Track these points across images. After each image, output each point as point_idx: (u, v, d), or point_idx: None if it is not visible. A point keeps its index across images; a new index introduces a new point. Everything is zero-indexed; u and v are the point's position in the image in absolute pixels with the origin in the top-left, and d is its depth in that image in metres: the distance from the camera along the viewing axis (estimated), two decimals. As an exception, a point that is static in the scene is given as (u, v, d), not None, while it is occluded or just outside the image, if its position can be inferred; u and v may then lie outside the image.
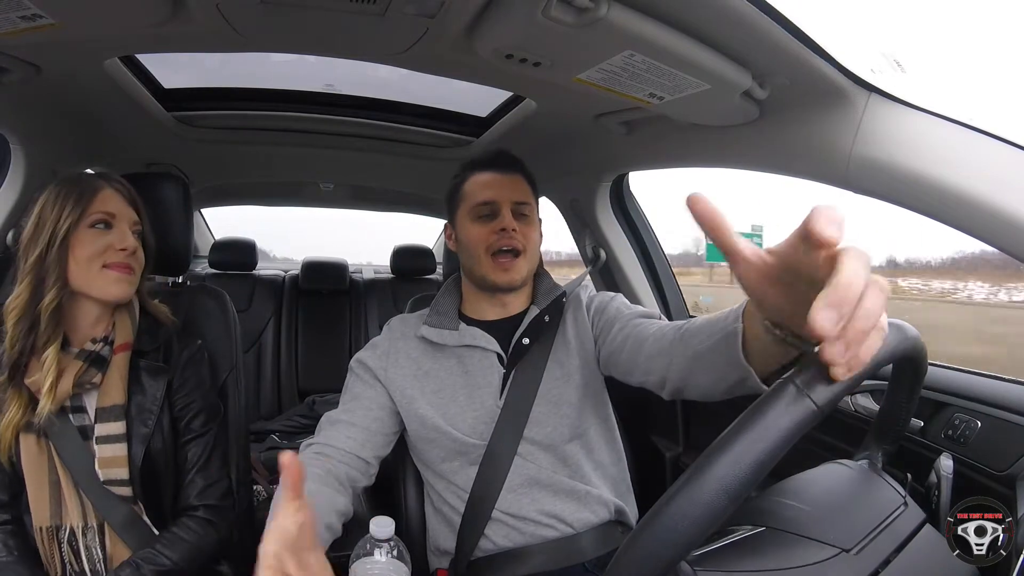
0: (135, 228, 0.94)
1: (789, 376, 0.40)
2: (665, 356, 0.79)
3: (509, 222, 0.97)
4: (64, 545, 0.87)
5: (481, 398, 0.97)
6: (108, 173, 0.96)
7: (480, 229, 0.98)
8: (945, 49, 0.80)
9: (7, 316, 0.85)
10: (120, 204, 0.92)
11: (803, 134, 0.87)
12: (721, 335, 0.65)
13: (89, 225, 0.88)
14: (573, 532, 0.94)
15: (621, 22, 0.70)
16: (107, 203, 0.90)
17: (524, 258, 0.99)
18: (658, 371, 0.81)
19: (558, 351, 1.00)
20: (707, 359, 0.69)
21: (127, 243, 0.90)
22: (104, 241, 0.89)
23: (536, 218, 1.04)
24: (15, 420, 0.84)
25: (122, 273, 0.90)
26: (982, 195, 0.69)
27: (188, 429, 0.97)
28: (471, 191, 1.01)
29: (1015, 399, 0.83)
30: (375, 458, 0.94)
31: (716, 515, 0.36)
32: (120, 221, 0.91)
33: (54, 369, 0.85)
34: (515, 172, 1.02)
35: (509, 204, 0.99)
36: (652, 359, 0.82)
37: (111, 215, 0.90)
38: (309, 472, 0.82)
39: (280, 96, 1.47)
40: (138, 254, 0.94)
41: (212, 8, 0.80)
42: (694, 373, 0.73)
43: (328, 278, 2.55)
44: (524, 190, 1.02)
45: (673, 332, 0.80)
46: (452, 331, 1.00)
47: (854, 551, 0.54)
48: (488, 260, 0.98)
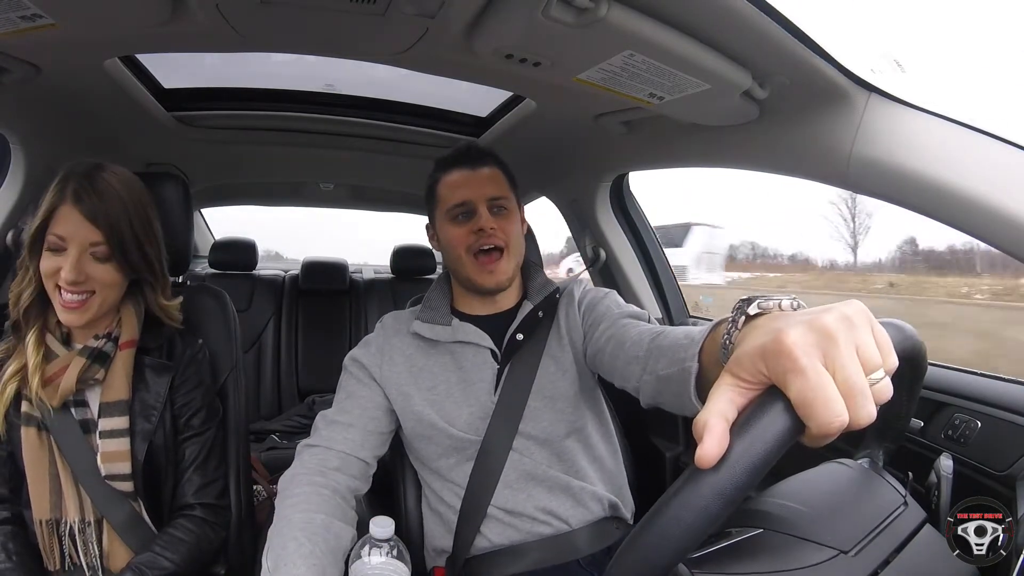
0: (94, 249, 0.85)
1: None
2: (638, 366, 0.78)
3: (486, 221, 0.95)
4: (65, 539, 0.87)
5: (475, 394, 0.97)
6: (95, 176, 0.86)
7: (458, 231, 0.97)
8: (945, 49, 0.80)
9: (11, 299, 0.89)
10: (76, 225, 0.83)
11: (803, 134, 0.87)
12: (679, 368, 0.63)
13: (45, 246, 0.84)
14: (568, 529, 0.94)
15: (621, 22, 0.70)
16: (61, 224, 0.83)
17: (508, 254, 0.97)
18: (632, 380, 0.80)
19: (552, 346, 1.00)
20: (670, 387, 0.67)
21: (69, 275, 0.82)
22: (54, 263, 0.84)
23: (515, 209, 1.01)
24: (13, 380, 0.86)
25: (68, 306, 0.84)
26: (982, 195, 0.69)
27: (187, 427, 0.97)
28: (444, 193, 1.00)
29: (1015, 399, 0.83)
30: (373, 458, 0.94)
31: (713, 518, 0.35)
32: (72, 245, 0.83)
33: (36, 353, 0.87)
34: (487, 165, 1.00)
35: (484, 201, 0.97)
36: (628, 366, 0.81)
37: (62, 238, 0.83)
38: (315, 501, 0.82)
39: (280, 96, 1.48)
40: (94, 279, 0.85)
41: (212, 8, 0.80)
42: (662, 394, 0.72)
43: (328, 278, 2.55)
44: (499, 183, 1.00)
45: (648, 341, 0.78)
46: (445, 327, 1.00)
47: (852, 552, 0.54)
48: (471, 261, 0.97)
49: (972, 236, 0.73)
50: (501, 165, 1.02)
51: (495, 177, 1.00)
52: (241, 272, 2.48)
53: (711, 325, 0.60)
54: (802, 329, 0.36)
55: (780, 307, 0.44)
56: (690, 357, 0.61)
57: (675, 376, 0.65)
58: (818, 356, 0.35)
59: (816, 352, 0.35)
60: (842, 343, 0.35)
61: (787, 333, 0.35)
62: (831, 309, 0.37)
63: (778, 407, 0.35)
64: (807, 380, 0.34)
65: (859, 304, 0.37)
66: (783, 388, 0.35)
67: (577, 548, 0.94)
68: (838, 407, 0.34)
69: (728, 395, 0.38)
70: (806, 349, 0.35)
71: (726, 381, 0.38)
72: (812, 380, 0.34)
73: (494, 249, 0.96)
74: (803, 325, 0.36)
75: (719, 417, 0.36)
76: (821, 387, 0.34)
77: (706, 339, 0.60)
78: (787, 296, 0.44)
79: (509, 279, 0.99)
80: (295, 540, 0.74)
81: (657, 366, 0.72)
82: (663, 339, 0.74)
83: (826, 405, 0.33)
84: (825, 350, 0.35)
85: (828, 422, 0.33)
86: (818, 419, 0.34)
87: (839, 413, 0.34)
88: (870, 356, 0.36)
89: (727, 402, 0.37)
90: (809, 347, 0.35)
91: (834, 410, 0.33)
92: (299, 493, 0.82)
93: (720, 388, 0.38)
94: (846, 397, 0.34)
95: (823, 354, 0.35)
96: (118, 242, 0.86)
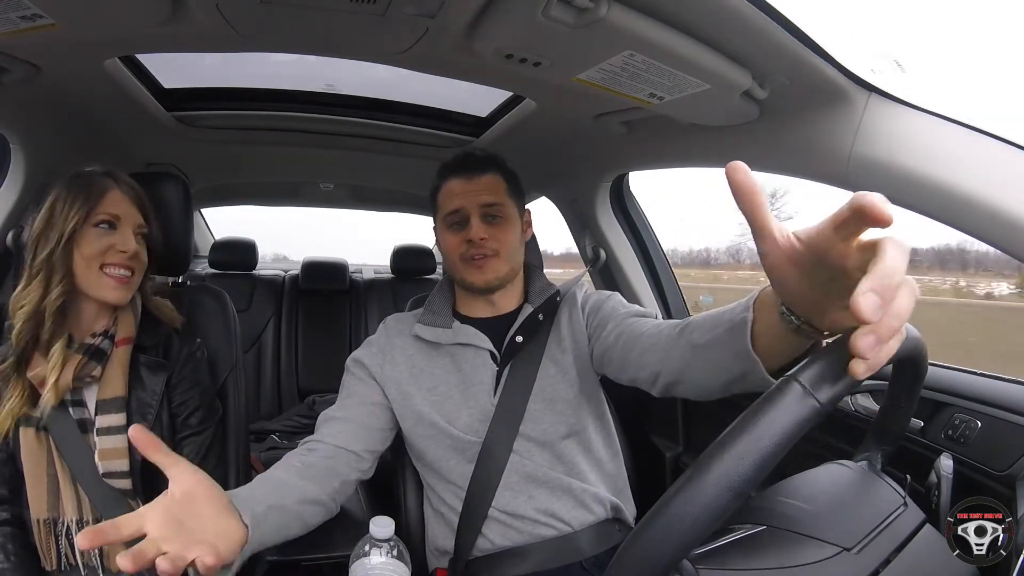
0: (140, 231, 0.95)
1: (792, 373, 0.40)
2: (660, 351, 0.78)
3: (476, 232, 0.96)
4: (62, 539, 0.87)
5: (475, 395, 0.97)
6: (118, 173, 0.97)
7: (453, 238, 0.99)
8: (945, 49, 0.80)
9: (15, 311, 0.87)
10: (127, 206, 0.93)
11: (803, 134, 0.87)
12: (727, 326, 0.63)
13: (94, 224, 0.90)
14: (570, 531, 0.94)
15: (621, 22, 0.70)
16: (114, 204, 0.92)
17: (499, 258, 0.98)
18: (650, 366, 0.80)
19: (553, 349, 1.00)
20: (707, 352, 0.68)
21: (128, 246, 0.91)
22: (107, 241, 0.90)
23: (512, 215, 1.01)
24: (15, 410, 0.85)
25: (119, 281, 0.91)
26: (982, 195, 0.69)
27: (185, 426, 0.98)
28: (442, 200, 1.02)
29: (1015, 399, 0.83)
30: (367, 451, 0.93)
31: (718, 513, 0.35)
32: (125, 223, 0.92)
33: (59, 365, 0.86)
34: (485, 173, 1.00)
35: (477, 211, 0.97)
36: (645, 354, 0.81)
37: (116, 216, 0.92)
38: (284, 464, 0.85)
39: (280, 96, 1.47)
40: (140, 256, 0.94)
41: (212, 8, 0.80)
42: (691, 367, 0.72)
43: (328, 278, 2.55)
44: (495, 190, 1.00)
45: (670, 328, 0.79)
46: (446, 329, 1.01)
47: (855, 550, 0.54)
48: (462, 265, 0.99)
49: (972, 236, 0.73)
50: (503, 171, 1.03)
51: (492, 184, 1.00)
52: (241, 272, 2.48)
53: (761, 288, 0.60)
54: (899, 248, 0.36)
55: None
56: (743, 309, 0.61)
57: (720, 337, 0.64)
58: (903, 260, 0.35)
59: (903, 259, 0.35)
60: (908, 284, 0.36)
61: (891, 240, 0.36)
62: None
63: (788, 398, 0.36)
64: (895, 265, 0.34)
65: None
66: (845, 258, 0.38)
67: (580, 550, 0.94)
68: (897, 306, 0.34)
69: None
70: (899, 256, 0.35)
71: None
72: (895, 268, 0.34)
73: (483, 257, 0.97)
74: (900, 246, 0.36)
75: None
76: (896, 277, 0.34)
77: (760, 293, 0.59)
78: None
79: (499, 279, 0.99)
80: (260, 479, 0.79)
81: (691, 337, 0.72)
82: (692, 320, 0.75)
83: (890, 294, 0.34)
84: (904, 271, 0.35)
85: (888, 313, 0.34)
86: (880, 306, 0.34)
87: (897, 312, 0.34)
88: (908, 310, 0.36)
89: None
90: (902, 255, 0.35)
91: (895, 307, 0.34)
92: (279, 465, 0.85)
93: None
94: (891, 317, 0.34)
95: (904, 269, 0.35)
96: (150, 229, 0.97)
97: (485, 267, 0.97)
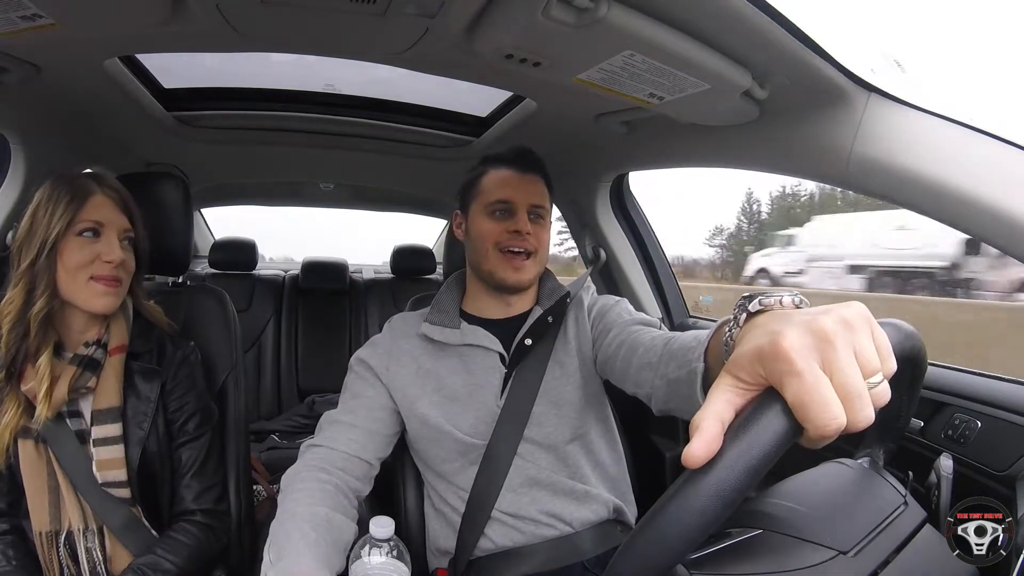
0: (126, 235, 0.92)
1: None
2: (651, 371, 0.78)
3: (524, 225, 0.97)
4: (62, 550, 0.86)
5: (482, 397, 0.97)
6: (103, 175, 0.94)
7: (493, 225, 0.98)
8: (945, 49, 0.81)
9: (2, 320, 0.84)
10: (110, 211, 0.90)
11: (803, 134, 0.87)
12: (687, 370, 0.64)
13: (77, 233, 0.86)
14: (572, 531, 0.94)
15: (621, 22, 0.69)
16: (97, 210, 0.88)
17: (535, 260, 0.99)
18: (645, 385, 0.80)
19: (559, 352, 1.00)
20: (680, 390, 0.67)
21: (113, 255, 0.87)
22: (91, 251, 0.87)
23: (549, 221, 1.04)
24: (11, 424, 0.83)
25: (107, 287, 0.88)
26: (982, 195, 0.69)
27: (182, 431, 0.96)
28: (488, 187, 1.01)
29: (1015, 399, 0.83)
30: (376, 459, 0.94)
31: (711, 519, 0.35)
32: (109, 230, 0.89)
33: (48, 376, 0.84)
34: (535, 173, 1.02)
35: (526, 206, 0.99)
36: (641, 371, 0.81)
37: (99, 223, 0.88)
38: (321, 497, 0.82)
39: (280, 96, 1.47)
40: (127, 264, 0.91)
41: (212, 8, 0.80)
42: (672, 399, 0.72)
43: (328, 278, 2.55)
44: (542, 192, 1.02)
45: (661, 346, 0.78)
46: (454, 329, 1.00)
47: (852, 553, 0.54)
48: (496, 255, 0.98)
49: (972, 236, 0.73)
50: (546, 176, 1.05)
51: (539, 186, 1.02)
52: (241, 272, 2.48)
53: (716, 325, 0.60)
54: (799, 331, 0.35)
55: (781, 303, 0.43)
56: (696, 358, 0.61)
57: (684, 378, 0.65)
58: (815, 359, 0.34)
59: (813, 355, 0.35)
60: (840, 346, 0.35)
61: (784, 335, 0.35)
62: (830, 311, 0.37)
63: (776, 408, 0.35)
64: (804, 383, 0.34)
65: (860, 306, 0.37)
66: (780, 390, 0.35)
67: (581, 550, 0.94)
68: (835, 410, 0.33)
69: (726, 396, 0.37)
70: (803, 352, 0.35)
71: (725, 381, 0.38)
72: (809, 383, 0.34)
73: (523, 252, 0.98)
74: (801, 327, 0.36)
75: (714, 418, 0.36)
76: (818, 390, 0.34)
77: (711, 339, 0.60)
78: (788, 292, 0.44)
79: (531, 280, 1.00)
80: (299, 531, 0.73)
81: (667, 370, 0.72)
82: (674, 343, 0.74)
83: (823, 408, 0.33)
84: (822, 353, 0.35)
85: (824, 424, 0.33)
86: (815, 422, 0.33)
87: (836, 416, 0.33)
88: (868, 359, 0.35)
89: (724, 403, 0.37)
90: (806, 350, 0.35)
91: (831, 413, 0.33)
92: (302, 488, 0.82)
93: (718, 388, 0.38)
94: (844, 400, 0.34)
95: (820, 357, 0.35)
96: (136, 232, 0.94)
97: (523, 268, 0.98)
